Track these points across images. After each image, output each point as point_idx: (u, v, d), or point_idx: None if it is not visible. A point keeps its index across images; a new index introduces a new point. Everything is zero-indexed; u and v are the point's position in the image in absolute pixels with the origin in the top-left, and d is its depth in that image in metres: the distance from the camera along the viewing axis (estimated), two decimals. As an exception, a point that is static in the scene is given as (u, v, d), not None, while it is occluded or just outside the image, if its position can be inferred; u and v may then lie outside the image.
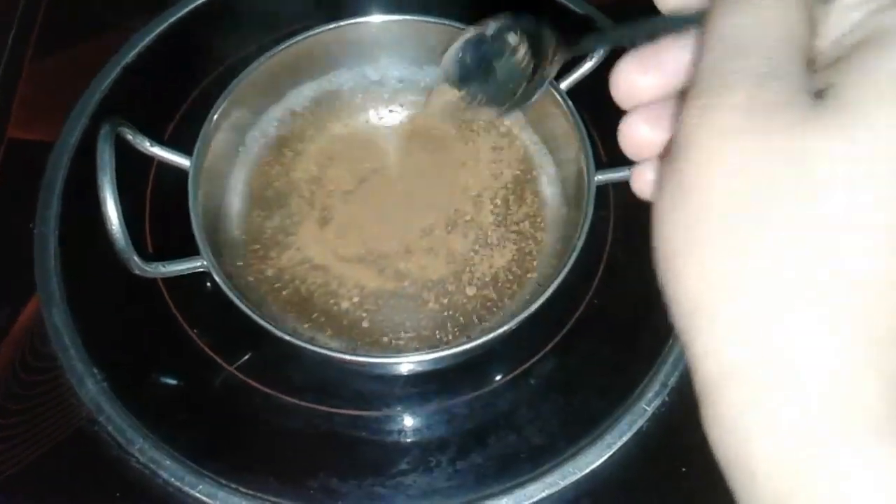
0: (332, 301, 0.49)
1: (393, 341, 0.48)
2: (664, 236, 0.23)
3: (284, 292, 0.49)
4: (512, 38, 0.38)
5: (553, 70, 0.36)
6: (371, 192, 0.52)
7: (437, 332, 0.48)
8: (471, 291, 0.49)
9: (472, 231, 0.51)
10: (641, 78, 0.27)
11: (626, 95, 0.28)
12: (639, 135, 0.28)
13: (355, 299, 0.49)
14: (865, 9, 0.22)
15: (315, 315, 0.48)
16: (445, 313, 0.49)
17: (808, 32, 0.22)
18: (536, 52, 0.36)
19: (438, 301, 0.49)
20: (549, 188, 0.52)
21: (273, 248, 0.50)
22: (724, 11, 0.23)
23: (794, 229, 0.20)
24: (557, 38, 0.35)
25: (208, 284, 0.49)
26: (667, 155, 0.24)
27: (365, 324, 0.48)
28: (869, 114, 0.20)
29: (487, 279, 0.50)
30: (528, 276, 0.50)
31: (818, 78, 0.21)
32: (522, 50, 0.37)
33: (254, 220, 0.51)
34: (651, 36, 0.27)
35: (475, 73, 0.40)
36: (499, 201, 0.52)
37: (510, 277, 0.50)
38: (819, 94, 0.21)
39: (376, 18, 0.51)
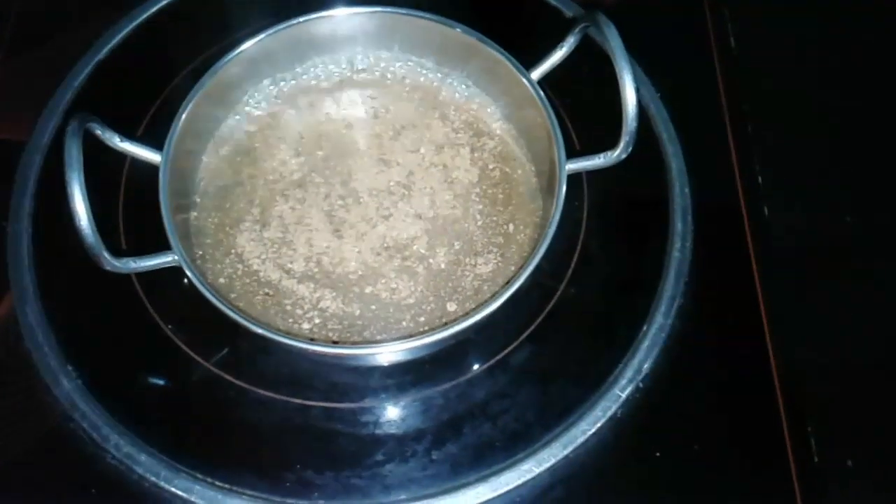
0: (290, 321, 0.47)
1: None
2: None
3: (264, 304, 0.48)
4: None
5: None
6: (340, 190, 0.51)
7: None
8: (452, 307, 0.47)
9: (459, 238, 0.49)
10: None
11: None
12: None
13: (317, 321, 0.47)
14: None
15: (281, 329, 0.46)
16: (421, 330, 0.47)
17: None
18: None
19: (415, 320, 0.47)
20: (527, 182, 0.51)
21: (220, 249, 0.49)
22: None
23: None
24: None
25: (185, 281, 0.49)
26: None
27: (335, 339, 0.47)
28: None
29: (469, 293, 0.48)
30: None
31: None
32: None
33: (217, 217, 0.50)
34: None
35: None
36: (487, 200, 0.50)
37: (493, 288, 0.48)
38: None
39: (341, 11, 0.50)
